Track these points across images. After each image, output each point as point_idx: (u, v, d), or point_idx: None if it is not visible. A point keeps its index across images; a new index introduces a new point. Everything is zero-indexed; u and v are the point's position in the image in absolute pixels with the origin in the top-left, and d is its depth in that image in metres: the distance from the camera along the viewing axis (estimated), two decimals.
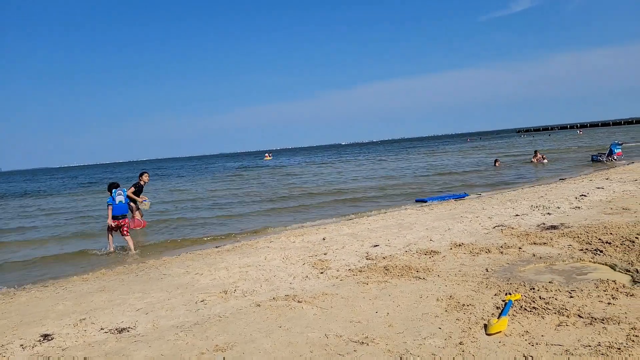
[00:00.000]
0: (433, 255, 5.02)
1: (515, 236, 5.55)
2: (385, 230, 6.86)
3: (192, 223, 10.88)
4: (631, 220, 5.73)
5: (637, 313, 3.00)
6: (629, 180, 10.05)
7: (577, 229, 5.55)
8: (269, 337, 3.15)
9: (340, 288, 4.13)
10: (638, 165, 14.24)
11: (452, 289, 3.82)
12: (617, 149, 18.59)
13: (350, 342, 2.95)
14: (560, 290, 3.54)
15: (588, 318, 2.98)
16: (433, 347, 2.79)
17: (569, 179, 12.69)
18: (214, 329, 3.40)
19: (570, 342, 2.69)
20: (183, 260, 6.11)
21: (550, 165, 19.73)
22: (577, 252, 4.63)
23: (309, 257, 5.46)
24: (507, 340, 2.79)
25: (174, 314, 3.85)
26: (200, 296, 4.29)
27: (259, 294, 4.21)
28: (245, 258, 5.76)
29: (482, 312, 3.28)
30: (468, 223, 6.80)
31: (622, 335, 2.70)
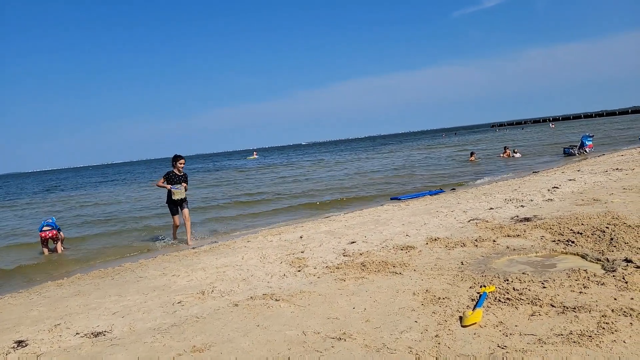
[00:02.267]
0: (409, 250, 5.07)
1: (490, 229, 5.66)
2: (362, 227, 6.90)
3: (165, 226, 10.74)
4: (601, 211, 5.89)
5: (607, 301, 3.09)
6: (599, 171, 10.34)
7: (549, 221, 5.68)
8: (247, 336, 3.14)
9: (318, 285, 4.14)
10: (608, 157, 14.67)
11: (428, 283, 3.87)
12: (588, 142, 19.11)
13: (327, 339, 2.96)
14: (534, 281, 3.62)
15: (560, 307, 3.06)
16: (410, 340, 2.82)
17: (542, 172, 12.98)
18: (191, 330, 3.37)
19: (543, 331, 2.75)
20: (159, 262, 6.01)
21: (524, 158, 20.16)
22: (550, 243, 4.74)
23: (287, 256, 5.45)
24: (482, 331, 2.84)
25: (150, 317, 3.79)
26: (177, 298, 4.23)
27: (237, 293, 4.18)
28: (222, 258, 5.71)
29: (458, 304, 3.33)
30: (443, 217, 6.90)
31: (593, 323, 2.78)
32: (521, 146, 27.39)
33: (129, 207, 15.82)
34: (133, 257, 7.50)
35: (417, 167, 21.83)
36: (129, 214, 13.65)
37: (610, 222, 5.20)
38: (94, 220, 12.97)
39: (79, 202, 20.41)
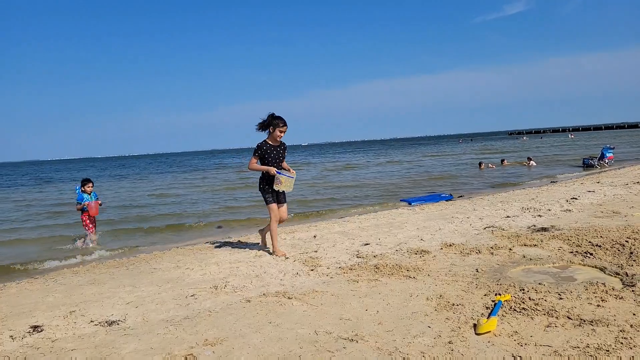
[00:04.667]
0: (423, 255, 5.04)
1: (506, 237, 5.59)
2: (376, 229, 6.87)
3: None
4: (621, 224, 5.78)
5: (626, 315, 3.03)
6: (619, 184, 10.15)
7: (567, 232, 5.59)
8: (259, 332, 3.15)
9: (331, 285, 4.14)
10: (629, 170, 14.38)
11: (442, 289, 3.84)
12: (608, 153, 18.78)
13: (339, 339, 2.95)
14: (550, 291, 3.56)
15: (577, 320, 3.01)
16: (422, 345, 2.80)
17: (560, 182, 12.79)
18: (204, 323, 3.39)
19: (559, 343, 2.71)
20: (174, 255, 6.08)
21: (543, 168, 19.91)
22: (567, 254, 4.67)
23: (300, 255, 5.46)
24: (496, 340, 2.81)
25: (163, 308, 3.83)
26: (190, 291, 4.27)
27: (249, 289, 4.20)
28: (236, 254, 5.74)
29: (472, 312, 3.29)
30: (459, 223, 6.83)
31: (610, 337, 2.73)
32: (538, 155, 27.05)
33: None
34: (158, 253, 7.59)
35: (431, 171, 21.71)
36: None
37: (630, 235, 5.09)
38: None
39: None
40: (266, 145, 5.30)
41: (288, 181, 5.28)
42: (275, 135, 5.25)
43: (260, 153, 5.30)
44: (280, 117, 5.23)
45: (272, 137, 5.29)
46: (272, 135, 5.28)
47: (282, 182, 5.24)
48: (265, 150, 5.29)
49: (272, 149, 5.32)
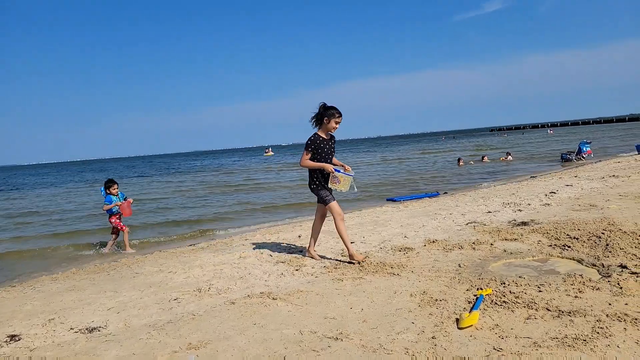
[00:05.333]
0: (407, 252, 5.08)
1: (487, 232, 5.67)
2: (361, 227, 6.90)
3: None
4: (597, 217, 5.92)
5: (602, 306, 3.10)
6: (596, 177, 10.38)
7: (546, 225, 5.70)
8: (243, 334, 3.13)
9: (315, 285, 4.14)
10: (605, 164, 14.72)
11: (425, 285, 3.88)
12: (585, 148, 19.20)
13: (324, 338, 2.96)
14: (530, 284, 3.63)
15: (556, 311, 3.07)
16: (406, 341, 2.82)
17: (540, 177, 13.02)
18: (188, 327, 3.36)
19: (539, 334, 2.76)
20: (156, 259, 6.01)
21: (522, 163, 20.26)
22: (547, 247, 4.76)
23: (285, 255, 5.45)
24: (478, 333, 2.85)
25: (146, 313, 3.79)
26: (173, 294, 4.23)
27: (234, 291, 4.18)
28: (220, 256, 5.70)
29: (455, 306, 3.33)
30: (442, 220, 6.91)
31: (587, 327, 2.79)
32: (519, 151, 27.50)
33: None
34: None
35: (415, 169, 21.90)
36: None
37: (606, 228, 5.22)
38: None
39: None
40: (319, 138, 4.80)
41: (346, 180, 4.77)
42: (330, 126, 4.77)
43: (313, 148, 4.78)
44: (334, 107, 4.77)
45: (326, 129, 4.80)
46: (325, 126, 4.78)
47: (341, 180, 4.75)
48: (318, 145, 4.79)
49: (324, 143, 4.83)
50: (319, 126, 4.83)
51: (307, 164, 4.81)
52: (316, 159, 4.81)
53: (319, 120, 4.81)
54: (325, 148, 4.83)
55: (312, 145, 4.78)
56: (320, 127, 4.83)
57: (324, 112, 4.76)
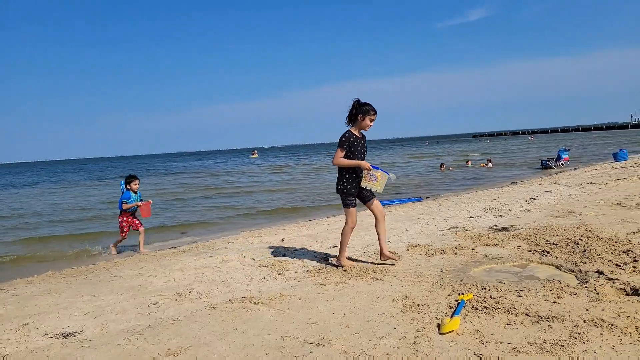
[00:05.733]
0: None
1: (469, 238, 5.72)
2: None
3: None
4: (576, 223, 6.03)
5: (580, 311, 3.15)
6: (574, 184, 10.59)
7: (526, 231, 5.78)
8: (224, 339, 3.09)
9: (298, 289, 4.12)
10: (583, 171, 15.04)
11: (407, 290, 3.89)
12: (564, 155, 19.59)
13: (306, 344, 2.94)
14: (510, 290, 3.67)
15: (535, 316, 3.10)
16: (388, 347, 2.82)
17: (520, 183, 13.23)
18: (167, 332, 3.30)
19: (518, 340, 2.79)
20: (136, 262, 5.90)
21: (503, 169, 20.57)
22: (526, 253, 4.82)
23: (267, 258, 5.41)
24: (459, 339, 2.86)
25: (124, 318, 3.71)
26: (153, 299, 4.15)
27: (215, 296, 4.13)
28: (201, 259, 5.63)
29: (436, 311, 3.35)
30: (424, 225, 6.95)
31: (565, 332, 2.83)
32: (499, 156, 27.91)
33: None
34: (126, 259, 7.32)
35: (400, 174, 22.07)
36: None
37: (584, 234, 5.32)
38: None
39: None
40: (353, 136, 4.54)
41: (383, 178, 4.51)
42: (364, 124, 4.53)
43: (347, 145, 4.51)
44: (369, 104, 4.54)
45: (360, 126, 4.57)
46: (359, 124, 4.55)
47: (379, 179, 4.48)
48: (352, 142, 4.52)
49: (358, 141, 4.56)
50: (352, 124, 4.59)
51: (342, 162, 4.52)
52: (349, 158, 4.55)
53: (353, 117, 4.56)
54: (358, 147, 4.57)
55: (346, 143, 4.51)
56: (353, 124, 4.60)
57: (358, 109, 4.52)
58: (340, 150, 4.51)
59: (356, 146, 4.54)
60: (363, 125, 4.55)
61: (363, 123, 4.54)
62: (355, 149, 4.54)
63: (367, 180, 4.50)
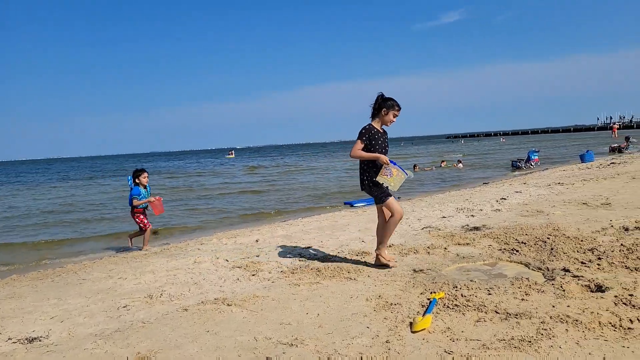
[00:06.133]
0: (364, 256, 5.12)
1: (442, 237, 5.81)
2: (319, 232, 6.91)
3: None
4: (544, 222, 6.20)
5: (546, 308, 3.24)
6: (543, 185, 10.89)
7: (497, 230, 5.91)
8: (196, 342, 3.05)
9: (272, 290, 4.10)
10: (551, 172, 15.48)
11: (381, 289, 3.92)
12: (534, 156, 20.13)
13: (279, 345, 2.92)
14: (480, 288, 3.74)
15: (504, 314, 3.17)
16: (361, 346, 2.84)
17: (492, 183, 13.52)
18: (137, 335, 3.24)
19: (487, 337, 2.85)
20: (105, 264, 5.76)
21: (476, 170, 20.98)
22: (497, 251, 4.93)
23: (241, 259, 5.37)
24: (430, 337, 2.90)
25: (92, 321, 3.62)
26: (122, 301, 4.06)
27: (187, 297, 4.07)
28: (173, 261, 5.54)
29: (409, 310, 3.39)
30: (398, 225, 7.01)
31: (532, 329, 2.90)
32: (473, 157, 28.46)
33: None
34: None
35: None
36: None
37: (551, 233, 5.47)
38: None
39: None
40: (374, 129, 4.40)
41: (400, 176, 4.34)
42: (387, 119, 4.41)
43: (367, 137, 4.35)
44: (393, 98, 4.42)
45: (383, 121, 4.43)
46: (382, 118, 4.42)
47: (394, 175, 4.31)
48: (372, 135, 4.37)
49: (379, 135, 4.42)
50: (375, 117, 4.46)
51: (360, 154, 4.35)
52: (368, 152, 4.38)
53: (376, 111, 4.44)
54: (379, 141, 4.42)
55: (366, 135, 4.35)
56: (375, 118, 4.46)
57: (382, 103, 4.39)
58: (359, 142, 4.35)
59: (377, 139, 4.40)
60: (386, 119, 4.43)
61: (386, 117, 4.41)
62: (376, 142, 4.39)
63: (382, 174, 4.33)
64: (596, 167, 15.11)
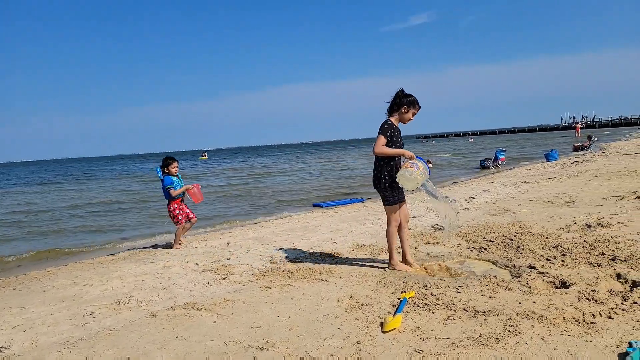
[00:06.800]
0: (335, 257, 5.14)
1: (412, 236, 5.88)
2: (291, 234, 6.89)
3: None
4: (511, 220, 6.36)
5: (513, 305, 3.32)
6: (510, 183, 11.18)
7: (465, 229, 6.02)
8: (164, 348, 2.99)
9: (243, 293, 4.06)
10: (518, 170, 15.91)
11: (352, 290, 3.93)
12: (501, 155, 20.64)
13: (250, 348, 2.89)
14: (450, 286, 3.80)
15: (472, 311, 3.24)
16: (332, 347, 2.84)
17: (461, 183, 13.79)
18: (103, 343, 3.14)
19: (456, 334, 2.90)
20: (71, 271, 5.58)
21: (445, 169, 21.35)
22: (465, 250, 5.03)
23: (212, 263, 5.29)
24: (401, 336, 2.93)
25: (57, 330, 3.50)
26: (88, 309, 3.94)
27: (156, 303, 3.98)
28: (142, 266, 5.42)
29: (380, 310, 3.41)
30: (370, 225, 7.08)
31: (500, 326, 2.97)
32: (458, 155, 28.96)
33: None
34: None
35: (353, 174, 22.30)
36: None
37: (517, 230, 5.62)
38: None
39: None
40: (394, 125, 4.24)
41: (424, 172, 4.14)
42: (407, 117, 4.26)
43: (390, 133, 4.19)
44: (413, 95, 4.27)
45: (401, 118, 4.27)
46: (402, 115, 4.26)
47: (421, 168, 4.10)
48: (394, 132, 4.21)
49: (398, 132, 4.27)
50: (393, 113, 4.29)
51: (385, 150, 4.16)
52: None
53: (396, 107, 4.27)
54: (399, 138, 4.27)
55: (389, 130, 4.18)
56: (394, 114, 4.29)
57: (403, 99, 4.23)
58: (383, 138, 4.17)
59: (397, 136, 4.25)
60: (405, 117, 4.28)
61: (406, 115, 4.27)
62: (397, 139, 4.25)
63: (408, 166, 4.11)
64: (560, 165, 15.63)
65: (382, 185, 4.34)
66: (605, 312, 3.04)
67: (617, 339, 2.68)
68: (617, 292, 3.39)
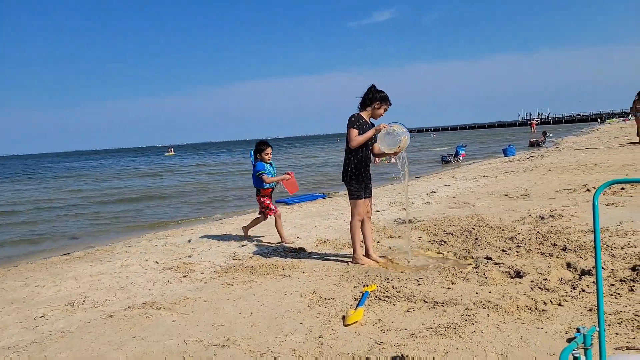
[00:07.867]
0: (299, 252, 5.13)
1: (375, 231, 5.94)
2: (254, 230, 6.82)
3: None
4: (470, 213, 6.54)
5: (470, 295, 3.41)
6: (469, 178, 11.49)
7: (427, 223, 6.15)
8: (121, 349, 2.90)
9: (204, 291, 3.99)
10: (477, 165, 16.38)
11: (315, 285, 3.94)
12: (461, 150, 21.17)
13: (210, 347, 2.85)
14: (410, 279, 3.87)
15: (431, 302, 3.31)
16: (294, 342, 2.83)
17: (423, 177, 14.06)
18: (56, 346, 3.02)
19: (416, 325, 2.95)
20: (21, 272, 5.32)
21: (408, 164, 21.73)
22: (426, 243, 5.13)
23: (172, 261, 5.18)
24: (362, 329, 2.96)
25: (5, 334, 3.33)
26: (40, 311, 3.77)
27: (113, 303, 3.85)
28: (98, 265, 5.23)
29: (342, 304, 3.43)
30: (333, 220, 7.11)
31: (457, 316, 3.05)
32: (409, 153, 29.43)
33: None
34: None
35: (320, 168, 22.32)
36: None
37: (476, 223, 5.78)
38: None
39: None
40: (362, 119, 4.31)
41: (405, 132, 4.14)
42: (378, 113, 4.35)
43: (358, 126, 4.24)
44: (384, 92, 4.33)
45: (373, 114, 4.35)
46: (373, 111, 4.34)
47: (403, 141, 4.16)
48: (361, 125, 4.27)
49: (367, 126, 4.31)
50: (364, 108, 4.35)
51: (359, 139, 4.20)
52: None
53: (368, 102, 4.32)
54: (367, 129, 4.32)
55: (356, 123, 4.25)
56: (365, 109, 4.35)
57: (375, 95, 4.29)
58: (354, 129, 4.22)
59: (366, 130, 4.29)
60: (377, 113, 4.35)
61: (378, 111, 4.35)
62: (364, 133, 4.28)
63: (386, 125, 4.14)
64: (517, 160, 16.20)
65: (349, 178, 4.41)
66: (556, 299, 3.18)
67: (566, 325, 2.80)
68: (567, 281, 3.55)
